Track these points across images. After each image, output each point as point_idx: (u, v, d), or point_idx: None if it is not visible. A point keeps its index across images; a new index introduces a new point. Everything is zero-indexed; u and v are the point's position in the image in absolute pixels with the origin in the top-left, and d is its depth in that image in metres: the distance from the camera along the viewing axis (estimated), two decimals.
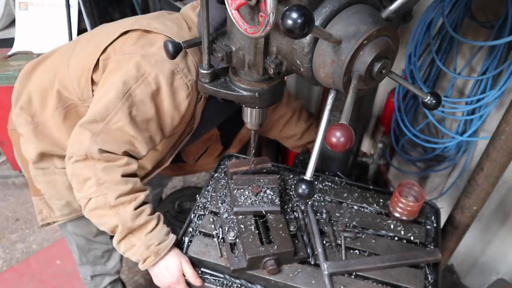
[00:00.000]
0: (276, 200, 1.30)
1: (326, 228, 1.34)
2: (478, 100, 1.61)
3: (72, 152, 1.25)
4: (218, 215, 1.36)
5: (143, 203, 1.27)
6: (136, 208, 1.24)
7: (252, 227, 1.26)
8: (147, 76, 1.20)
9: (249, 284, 1.22)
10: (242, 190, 1.33)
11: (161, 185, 2.37)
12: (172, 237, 1.28)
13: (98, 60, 1.30)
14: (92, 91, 1.34)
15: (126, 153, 1.27)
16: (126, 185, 1.24)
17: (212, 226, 1.32)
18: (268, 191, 1.32)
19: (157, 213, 1.30)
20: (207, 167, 2.00)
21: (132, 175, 1.28)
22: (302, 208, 1.40)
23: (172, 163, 1.62)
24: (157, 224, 1.27)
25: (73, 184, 1.28)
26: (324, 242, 1.30)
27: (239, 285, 1.22)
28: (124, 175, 1.24)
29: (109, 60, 1.30)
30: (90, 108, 1.26)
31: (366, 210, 1.43)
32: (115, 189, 1.22)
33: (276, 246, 1.20)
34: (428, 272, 1.25)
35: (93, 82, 1.33)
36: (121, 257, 1.93)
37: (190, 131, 1.47)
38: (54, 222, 1.66)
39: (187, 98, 1.26)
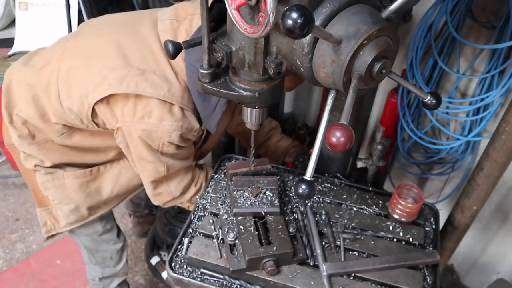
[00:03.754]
0: (276, 202, 1.30)
1: (325, 229, 1.34)
2: (483, 100, 1.61)
3: (159, 202, 1.54)
4: (218, 216, 1.36)
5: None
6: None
7: (252, 228, 1.26)
8: (162, 142, 1.31)
9: (249, 285, 1.22)
10: (241, 192, 1.33)
11: None
12: None
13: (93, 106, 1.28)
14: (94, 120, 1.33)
15: (191, 170, 1.53)
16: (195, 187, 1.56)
17: (212, 227, 1.31)
18: (267, 193, 1.32)
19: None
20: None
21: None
22: (302, 209, 1.40)
23: None
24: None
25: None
26: (323, 243, 1.30)
27: (238, 286, 1.22)
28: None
29: (108, 111, 1.28)
30: (140, 173, 1.45)
31: (365, 212, 1.43)
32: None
33: (275, 247, 1.20)
34: (426, 274, 1.25)
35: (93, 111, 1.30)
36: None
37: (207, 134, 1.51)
38: (59, 233, 1.66)
39: (196, 134, 1.37)
